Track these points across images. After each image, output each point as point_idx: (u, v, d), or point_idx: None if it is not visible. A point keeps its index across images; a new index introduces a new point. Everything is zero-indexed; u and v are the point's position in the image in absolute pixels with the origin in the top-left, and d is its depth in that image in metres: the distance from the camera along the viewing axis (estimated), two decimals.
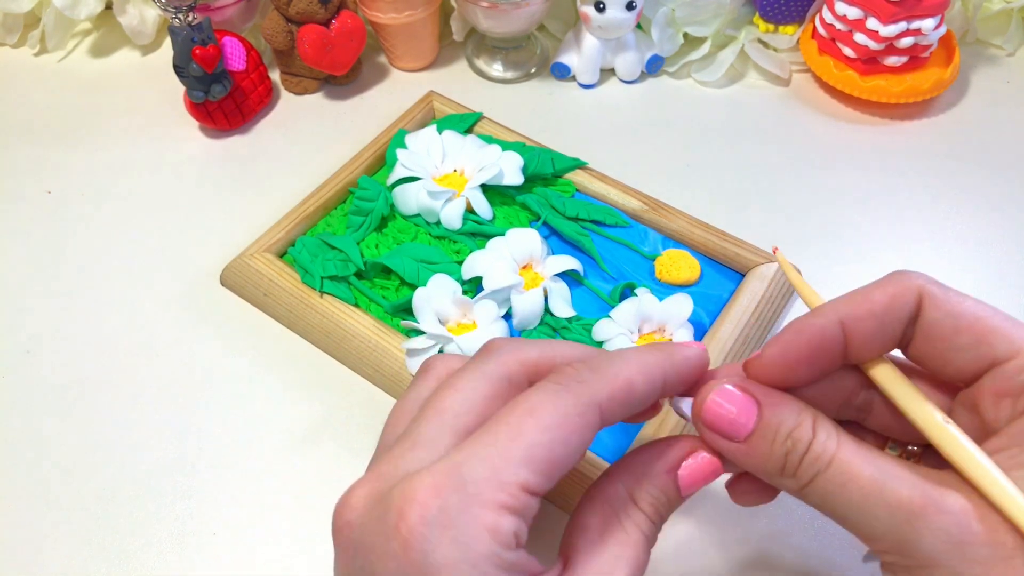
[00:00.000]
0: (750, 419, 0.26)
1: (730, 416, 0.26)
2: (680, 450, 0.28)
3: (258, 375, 0.43)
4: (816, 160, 0.53)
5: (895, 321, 0.26)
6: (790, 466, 0.25)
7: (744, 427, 0.26)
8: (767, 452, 0.25)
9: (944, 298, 0.26)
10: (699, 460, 0.28)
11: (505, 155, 0.48)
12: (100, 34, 0.63)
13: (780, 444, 0.25)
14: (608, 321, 0.42)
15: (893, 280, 0.26)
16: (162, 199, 0.52)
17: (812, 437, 0.25)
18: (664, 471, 0.27)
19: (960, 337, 0.25)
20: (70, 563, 0.37)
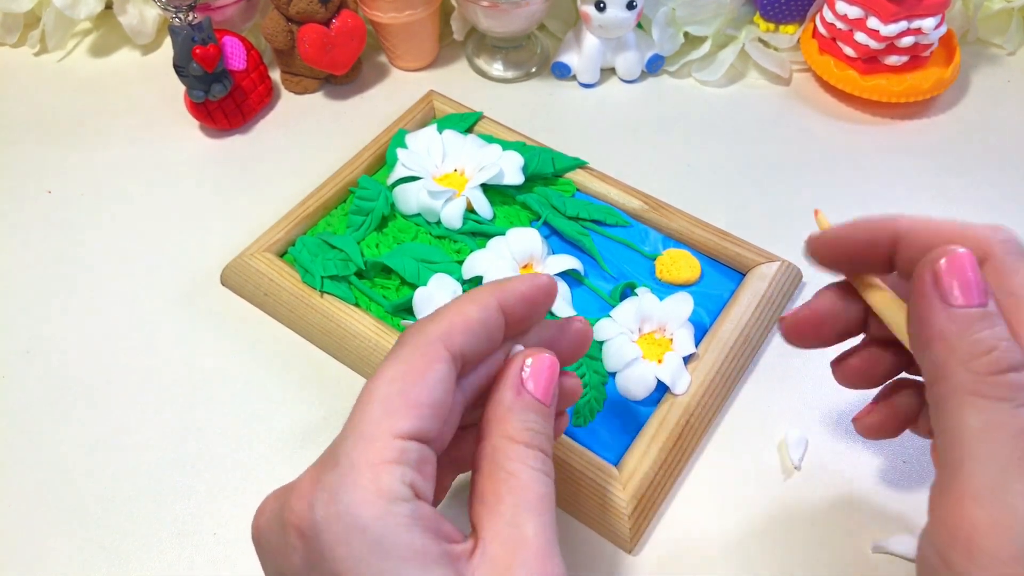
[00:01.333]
0: (980, 296, 0.23)
1: (962, 282, 0.24)
2: (515, 369, 0.28)
3: (258, 375, 0.43)
4: (816, 160, 0.53)
5: None
6: (989, 365, 0.23)
7: (972, 298, 0.23)
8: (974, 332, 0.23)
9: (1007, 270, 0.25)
10: (533, 364, 0.27)
11: (505, 155, 0.48)
12: (100, 34, 0.63)
13: (995, 337, 0.23)
14: (609, 321, 0.42)
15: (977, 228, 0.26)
16: (162, 199, 0.52)
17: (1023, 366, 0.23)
18: (515, 395, 0.27)
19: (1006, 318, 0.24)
20: (70, 563, 0.37)
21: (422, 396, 0.25)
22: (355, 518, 0.22)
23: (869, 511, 0.38)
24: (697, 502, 0.39)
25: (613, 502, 0.37)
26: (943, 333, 0.23)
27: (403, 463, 0.23)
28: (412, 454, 0.24)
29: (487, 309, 0.27)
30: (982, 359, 0.23)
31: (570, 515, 0.38)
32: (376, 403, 0.24)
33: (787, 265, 0.45)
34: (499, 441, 0.26)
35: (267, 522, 0.25)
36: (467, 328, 0.26)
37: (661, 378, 0.40)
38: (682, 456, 0.39)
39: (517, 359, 0.28)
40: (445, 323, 0.26)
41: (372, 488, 0.23)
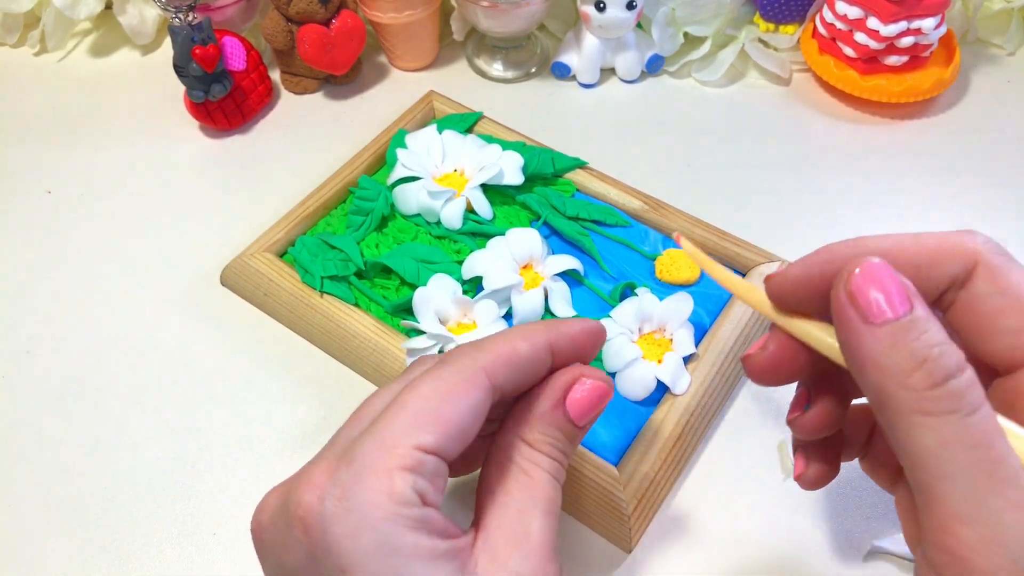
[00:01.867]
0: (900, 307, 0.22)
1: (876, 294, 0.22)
2: (564, 382, 0.27)
3: (258, 375, 0.43)
4: (816, 160, 0.53)
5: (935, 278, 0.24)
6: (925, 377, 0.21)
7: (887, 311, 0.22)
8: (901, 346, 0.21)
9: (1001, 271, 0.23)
10: (586, 387, 0.27)
11: (505, 155, 0.48)
12: (100, 34, 0.63)
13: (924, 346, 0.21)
14: (608, 321, 0.42)
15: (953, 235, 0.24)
16: (162, 199, 0.52)
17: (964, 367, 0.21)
18: (551, 408, 0.27)
19: (1003, 319, 0.23)
20: (70, 563, 0.37)
21: (453, 418, 0.25)
22: (365, 516, 0.23)
23: (868, 511, 0.38)
24: (697, 502, 0.39)
25: (613, 502, 0.37)
26: (872, 356, 0.22)
27: (418, 472, 0.24)
28: (428, 466, 0.24)
29: (536, 348, 0.27)
30: (917, 374, 0.21)
31: (570, 515, 0.38)
32: (406, 414, 0.25)
33: (787, 265, 0.45)
34: (519, 442, 0.27)
35: (270, 517, 0.25)
36: (513, 362, 0.26)
37: (661, 378, 0.40)
38: (682, 456, 0.39)
39: (571, 372, 0.28)
40: (493, 354, 0.26)
41: (385, 490, 0.23)
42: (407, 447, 0.24)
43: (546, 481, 0.26)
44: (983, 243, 0.24)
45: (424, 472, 0.24)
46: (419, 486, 0.24)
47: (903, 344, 0.22)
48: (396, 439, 0.24)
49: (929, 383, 0.21)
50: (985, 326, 0.24)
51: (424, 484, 0.24)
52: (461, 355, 0.26)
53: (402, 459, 0.24)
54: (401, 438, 0.24)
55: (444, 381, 0.25)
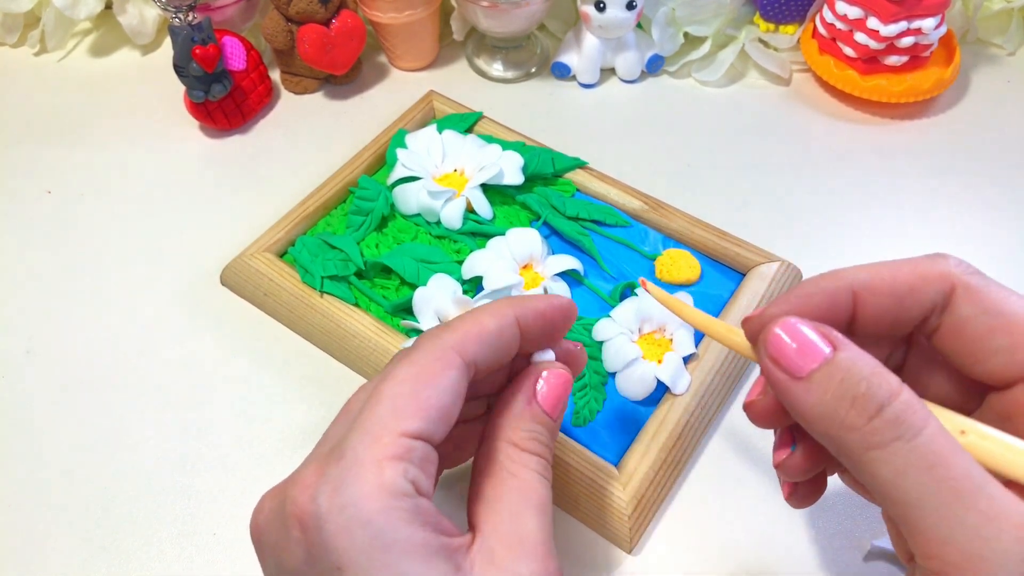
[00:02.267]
0: (818, 355, 0.23)
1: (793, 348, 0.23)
2: (531, 380, 0.28)
3: (258, 375, 0.43)
4: (816, 160, 0.53)
5: (915, 306, 0.24)
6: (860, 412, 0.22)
7: (809, 362, 0.23)
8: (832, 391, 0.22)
9: (982, 292, 0.24)
10: (549, 379, 0.28)
11: (505, 155, 0.48)
12: (100, 34, 0.63)
13: (851, 384, 0.22)
14: (608, 321, 0.42)
15: (926, 261, 0.24)
16: (162, 199, 0.52)
17: (898, 391, 0.22)
18: (525, 404, 0.28)
19: (995, 339, 0.23)
20: (70, 563, 0.37)
21: (432, 399, 0.25)
22: (358, 510, 0.23)
23: (868, 511, 0.38)
24: (697, 502, 0.39)
25: (613, 502, 0.37)
26: (809, 408, 0.23)
27: (407, 460, 0.24)
28: (417, 452, 0.24)
29: (503, 321, 0.27)
30: (852, 413, 0.22)
31: (570, 515, 0.38)
32: (385, 402, 0.25)
33: (787, 265, 0.45)
34: (504, 444, 0.27)
35: (267, 519, 0.25)
36: (482, 338, 0.27)
37: (661, 378, 0.40)
38: (682, 456, 0.39)
39: (535, 370, 0.29)
40: (460, 332, 0.27)
41: (376, 482, 0.23)
42: (392, 435, 0.24)
43: (535, 480, 0.26)
44: (956, 265, 0.24)
45: (413, 459, 0.24)
46: (411, 474, 0.24)
47: (832, 389, 0.22)
48: (379, 429, 0.24)
49: (866, 417, 0.21)
50: (976, 348, 0.24)
51: (415, 471, 0.24)
52: (430, 338, 0.27)
53: (389, 448, 0.23)
54: (385, 427, 0.24)
55: (417, 365, 0.25)
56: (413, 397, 0.25)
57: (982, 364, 0.24)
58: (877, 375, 0.22)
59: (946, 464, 0.21)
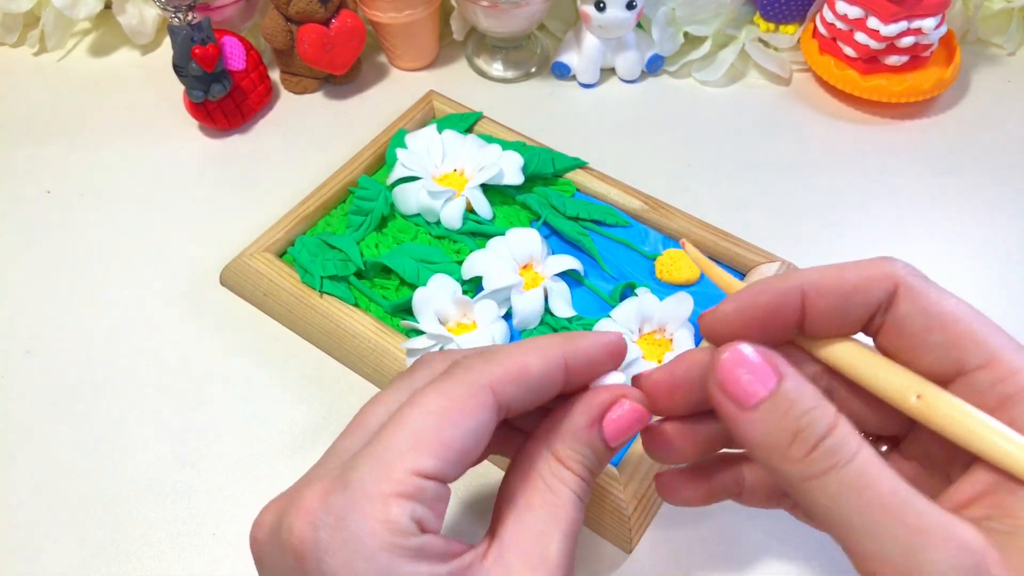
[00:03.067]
0: (765, 386, 0.23)
1: (742, 378, 0.23)
2: (602, 401, 0.26)
3: (258, 375, 0.43)
4: (816, 160, 0.53)
5: (861, 305, 0.25)
6: (800, 446, 0.23)
7: (756, 393, 0.23)
8: (776, 424, 0.23)
9: (922, 292, 0.25)
10: (625, 409, 0.26)
11: (505, 155, 0.48)
12: (99, 34, 0.63)
13: (794, 418, 0.23)
14: (608, 321, 0.42)
15: (872, 263, 0.25)
16: (162, 199, 0.52)
17: (835, 424, 0.23)
18: (586, 425, 0.26)
19: (931, 336, 0.24)
20: (70, 563, 0.37)
21: (455, 441, 0.23)
22: (361, 546, 0.22)
23: None
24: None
25: (613, 502, 0.37)
26: (754, 439, 0.23)
27: (416, 499, 0.23)
28: (427, 492, 0.23)
29: (549, 364, 0.26)
30: (794, 447, 0.23)
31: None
32: (405, 433, 0.23)
33: (787, 265, 0.45)
34: (547, 455, 0.26)
35: (266, 535, 0.24)
36: (523, 379, 0.25)
37: None
38: None
39: (609, 391, 0.27)
40: (502, 368, 0.25)
41: (381, 518, 0.22)
42: (404, 472, 0.23)
43: (571, 501, 0.25)
44: (902, 267, 0.25)
45: (423, 499, 0.23)
46: (417, 514, 0.23)
47: (776, 422, 0.23)
48: (393, 462, 0.23)
49: (805, 451, 0.22)
50: (914, 345, 0.25)
51: (423, 511, 0.23)
52: (469, 368, 0.25)
53: (399, 485, 0.22)
54: (399, 461, 0.23)
55: (447, 397, 0.24)
56: (436, 434, 0.23)
57: (920, 360, 0.25)
58: (818, 408, 0.23)
59: (874, 485, 0.22)
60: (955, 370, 0.24)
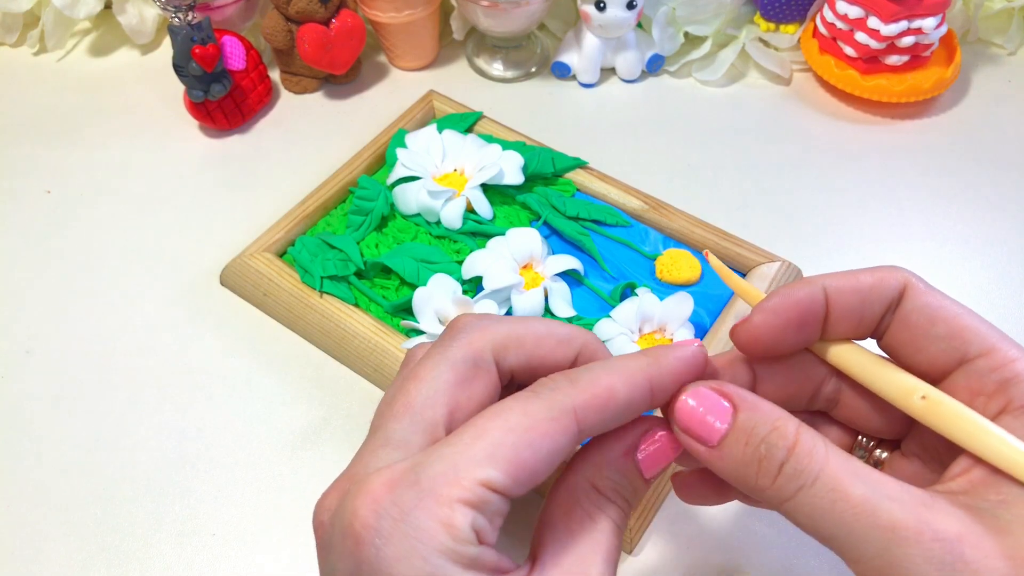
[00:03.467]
0: (723, 422, 0.25)
1: (702, 418, 0.25)
2: (635, 432, 0.27)
3: (258, 375, 0.43)
4: (816, 160, 0.53)
5: (877, 301, 0.26)
6: (766, 474, 0.24)
7: (717, 431, 0.25)
8: (739, 457, 0.24)
9: (926, 291, 0.26)
10: (657, 441, 0.27)
11: (505, 154, 0.48)
12: (99, 33, 0.63)
13: (754, 448, 0.24)
14: (609, 321, 0.42)
15: (881, 268, 0.27)
16: (162, 199, 0.52)
17: (794, 444, 0.24)
18: (622, 454, 0.26)
19: (935, 327, 0.26)
20: (70, 563, 0.37)
21: (529, 463, 0.24)
22: (419, 543, 0.22)
23: None
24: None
25: None
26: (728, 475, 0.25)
27: (480, 510, 0.23)
28: (492, 505, 0.23)
29: (635, 391, 0.25)
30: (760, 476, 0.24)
31: None
32: (484, 443, 0.23)
33: (787, 265, 0.45)
34: (586, 484, 0.26)
35: (330, 518, 0.25)
36: (608, 408, 0.25)
37: None
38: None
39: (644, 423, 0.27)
40: (588, 394, 0.25)
41: (443, 521, 0.22)
42: (473, 481, 0.23)
43: (611, 530, 0.25)
44: (907, 272, 0.27)
45: (486, 511, 0.23)
46: (478, 524, 0.23)
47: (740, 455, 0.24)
48: (466, 468, 0.23)
49: (771, 478, 0.24)
50: (919, 337, 0.26)
51: (483, 522, 0.23)
52: (555, 388, 0.25)
53: (467, 492, 0.23)
54: (472, 469, 0.23)
55: (531, 418, 0.24)
56: (513, 451, 0.23)
57: (925, 351, 0.26)
58: (773, 432, 0.24)
59: (844, 497, 0.23)
60: (958, 358, 0.26)
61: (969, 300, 0.26)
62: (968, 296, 0.45)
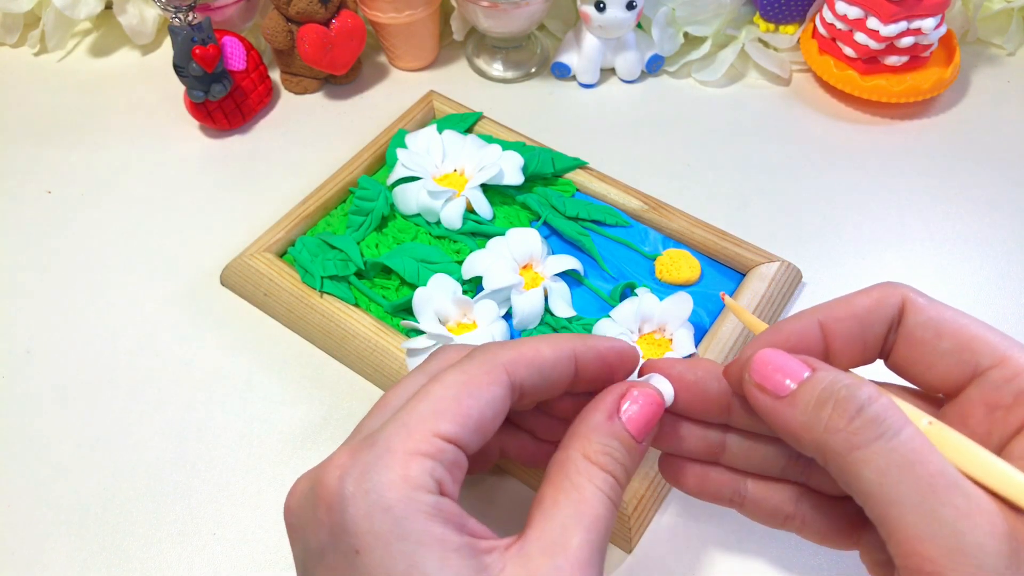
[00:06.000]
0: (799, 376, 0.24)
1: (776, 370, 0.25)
2: (614, 395, 0.27)
3: (258, 375, 0.43)
4: (816, 160, 0.53)
5: (877, 323, 0.26)
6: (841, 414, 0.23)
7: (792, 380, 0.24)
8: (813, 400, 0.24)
9: (927, 304, 0.26)
10: (637, 399, 0.27)
11: (505, 155, 0.48)
12: (100, 34, 0.63)
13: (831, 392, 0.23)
14: (608, 321, 0.42)
15: (876, 287, 0.26)
16: (162, 199, 0.52)
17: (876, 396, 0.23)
18: (605, 419, 0.27)
19: (942, 342, 0.25)
20: (70, 563, 0.37)
21: (473, 409, 0.25)
22: (381, 497, 0.23)
23: None
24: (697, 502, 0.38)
25: None
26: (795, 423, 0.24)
27: (436, 459, 0.24)
28: (447, 455, 0.24)
29: (560, 352, 0.27)
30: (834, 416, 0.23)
31: None
32: (428, 402, 0.25)
33: (787, 265, 0.45)
34: (574, 454, 0.26)
35: (298, 500, 0.26)
36: (534, 363, 0.27)
37: None
38: None
39: (621, 385, 0.28)
40: (515, 352, 0.27)
41: (401, 473, 0.23)
42: (427, 433, 0.24)
43: (596, 497, 0.25)
44: (904, 287, 0.26)
45: (443, 460, 0.24)
46: (437, 473, 0.24)
47: (813, 399, 0.24)
48: (415, 425, 0.24)
49: (847, 418, 0.23)
50: (926, 354, 0.26)
51: (442, 472, 0.24)
52: (485, 351, 0.27)
53: (420, 445, 0.24)
54: (422, 424, 0.24)
55: (466, 374, 0.26)
56: (455, 402, 0.25)
57: (934, 368, 0.26)
58: (856, 384, 0.23)
59: (924, 462, 0.22)
60: (970, 372, 0.25)
61: (968, 301, 0.26)
62: (967, 297, 0.45)
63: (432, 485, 0.24)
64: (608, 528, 0.25)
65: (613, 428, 0.27)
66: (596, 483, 0.26)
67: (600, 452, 0.26)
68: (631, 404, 0.27)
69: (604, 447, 0.26)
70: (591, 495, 0.25)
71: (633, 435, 0.27)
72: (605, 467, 0.26)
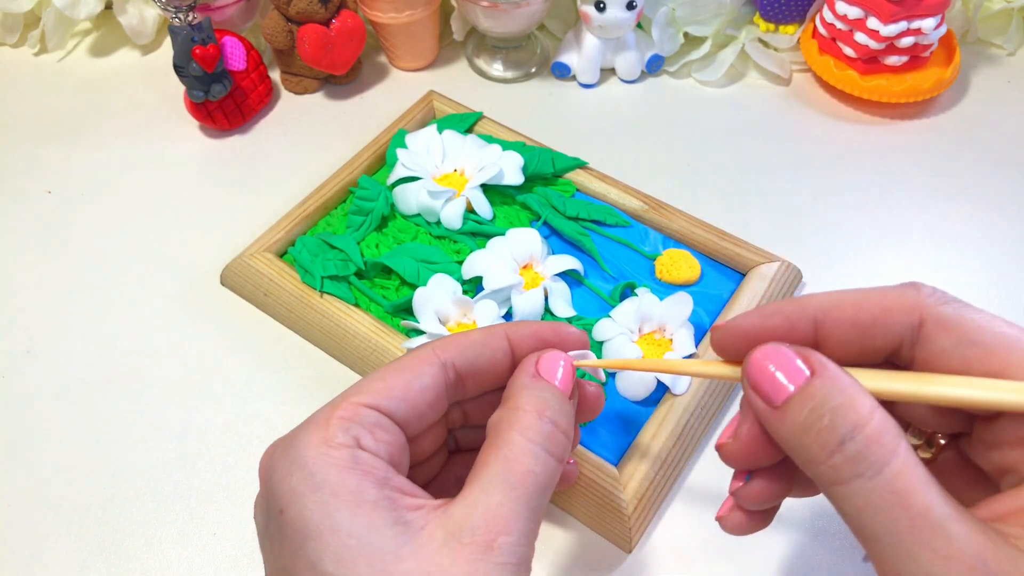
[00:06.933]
0: (796, 381, 0.23)
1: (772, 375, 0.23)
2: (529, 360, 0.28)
3: (258, 375, 0.43)
4: (816, 160, 0.53)
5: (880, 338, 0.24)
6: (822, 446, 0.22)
7: (783, 391, 0.23)
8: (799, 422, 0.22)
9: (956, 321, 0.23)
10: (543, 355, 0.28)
11: (505, 155, 0.48)
12: (100, 34, 0.63)
13: (817, 416, 0.22)
14: (608, 321, 0.42)
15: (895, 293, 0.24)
16: (162, 199, 0.52)
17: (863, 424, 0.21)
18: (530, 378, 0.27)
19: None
20: (70, 563, 0.37)
21: (398, 383, 0.26)
22: (298, 456, 0.24)
23: None
24: (697, 502, 0.39)
25: (613, 502, 0.37)
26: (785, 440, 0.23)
27: (354, 420, 0.25)
28: (366, 416, 0.25)
29: (489, 333, 0.28)
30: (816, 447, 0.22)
31: (570, 515, 0.38)
32: (359, 384, 0.26)
33: (787, 265, 0.45)
34: (506, 412, 0.26)
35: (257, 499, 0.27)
36: (463, 344, 0.28)
37: (661, 378, 0.40)
38: (682, 456, 0.39)
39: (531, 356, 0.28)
40: (445, 340, 0.28)
41: (319, 434, 0.24)
42: (349, 404, 0.25)
43: (527, 452, 0.24)
44: (928, 296, 0.24)
45: (361, 421, 0.25)
46: (353, 431, 0.25)
47: (800, 419, 0.22)
48: (341, 399, 0.26)
49: (827, 452, 0.22)
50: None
51: (359, 430, 0.25)
52: (418, 346, 0.28)
53: (339, 411, 0.25)
54: (346, 398, 0.26)
55: (399, 362, 0.27)
56: (380, 380, 0.26)
57: None
58: (844, 407, 0.22)
59: (904, 504, 0.21)
60: None
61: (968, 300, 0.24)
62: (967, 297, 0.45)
63: (347, 440, 0.24)
64: (544, 483, 0.25)
65: (539, 383, 0.27)
66: (528, 435, 0.25)
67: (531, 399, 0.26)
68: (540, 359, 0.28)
69: (536, 396, 0.26)
70: (521, 450, 0.25)
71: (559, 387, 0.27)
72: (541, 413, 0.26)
